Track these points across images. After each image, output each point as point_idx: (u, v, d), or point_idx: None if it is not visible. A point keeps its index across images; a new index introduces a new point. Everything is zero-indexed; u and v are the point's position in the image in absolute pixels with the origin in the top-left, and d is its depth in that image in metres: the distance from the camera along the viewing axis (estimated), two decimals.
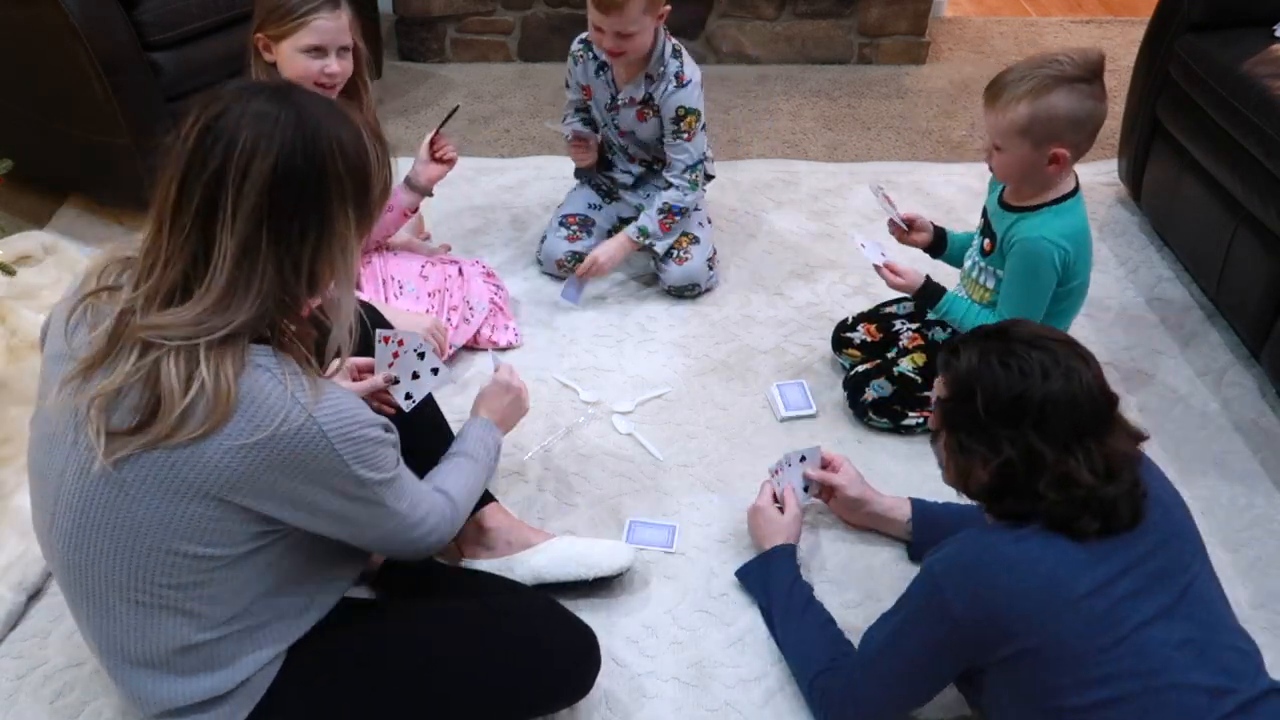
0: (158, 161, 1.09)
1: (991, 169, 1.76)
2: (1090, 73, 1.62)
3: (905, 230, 2.00)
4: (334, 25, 1.82)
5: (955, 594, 1.20)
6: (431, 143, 2.13)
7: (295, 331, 1.14)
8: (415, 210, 2.19)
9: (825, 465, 1.74)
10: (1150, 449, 1.93)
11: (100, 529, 1.10)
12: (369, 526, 1.21)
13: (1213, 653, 1.15)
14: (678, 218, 2.28)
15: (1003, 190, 1.82)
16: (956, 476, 1.30)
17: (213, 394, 1.03)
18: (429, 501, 1.30)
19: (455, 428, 1.62)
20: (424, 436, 1.54)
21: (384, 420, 1.18)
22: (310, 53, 1.81)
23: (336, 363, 1.20)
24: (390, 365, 1.48)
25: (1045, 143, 1.65)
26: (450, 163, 2.15)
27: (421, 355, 1.47)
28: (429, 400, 1.59)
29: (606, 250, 2.26)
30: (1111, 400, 1.22)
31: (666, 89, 2.19)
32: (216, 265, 1.05)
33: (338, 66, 1.84)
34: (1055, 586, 1.15)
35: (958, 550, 1.24)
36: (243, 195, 1.04)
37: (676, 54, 2.21)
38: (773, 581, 1.60)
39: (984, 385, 1.21)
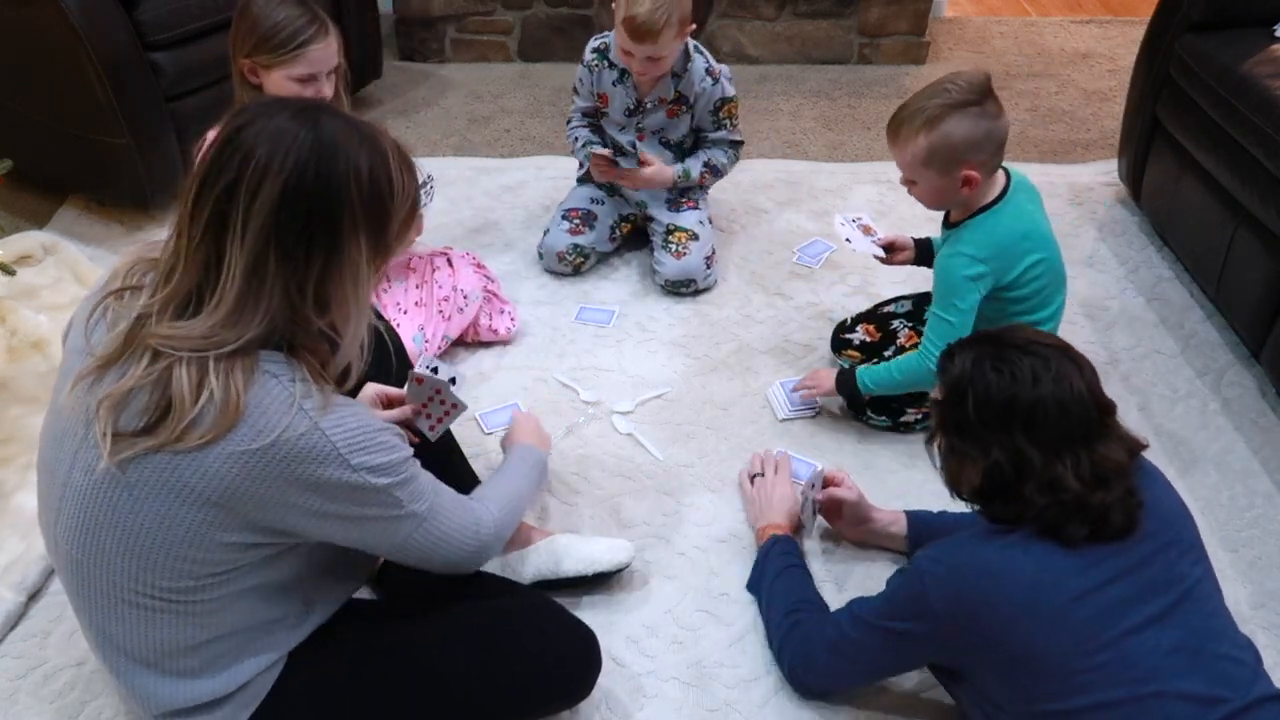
0: (187, 168, 1.09)
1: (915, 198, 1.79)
2: (979, 94, 1.65)
3: (886, 254, 2.05)
4: (327, 53, 1.79)
5: (936, 589, 1.22)
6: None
7: (309, 347, 1.12)
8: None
9: (827, 483, 1.73)
10: (1150, 449, 1.94)
11: (104, 528, 1.10)
12: (386, 533, 1.18)
13: (1205, 661, 1.15)
14: (712, 178, 2.41)
15: None
16: (949, 478, 1.32)
17: (221, 403, 1.03)
18: (460, 510, 1.27)
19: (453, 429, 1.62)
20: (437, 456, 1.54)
21: (396, 430, 1.17)
22: (302, 80, 1.78)
23: (354, 387, 1.18)
24: (426, 404, 1.50)
25: (951, 168, 1.68)
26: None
27: (453, 386, 1.50)
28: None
29: (659, 169, 2.30)
30: (1105, 407, 1.22)
31: (703, 86, 2.26)
32: (226, 280, 1.04)
33: (329, 89, 1.82)
34: (1038, 593, 1.16)
35: (946, 550, 1.26)
36: (252, 212, 1.03)
37: (698, 50, 2.27)
38: (770, 561, 1.62)
39: (975, 388, 1.22)
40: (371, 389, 1.53)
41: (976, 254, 1.74)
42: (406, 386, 1.50)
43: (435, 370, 1.49)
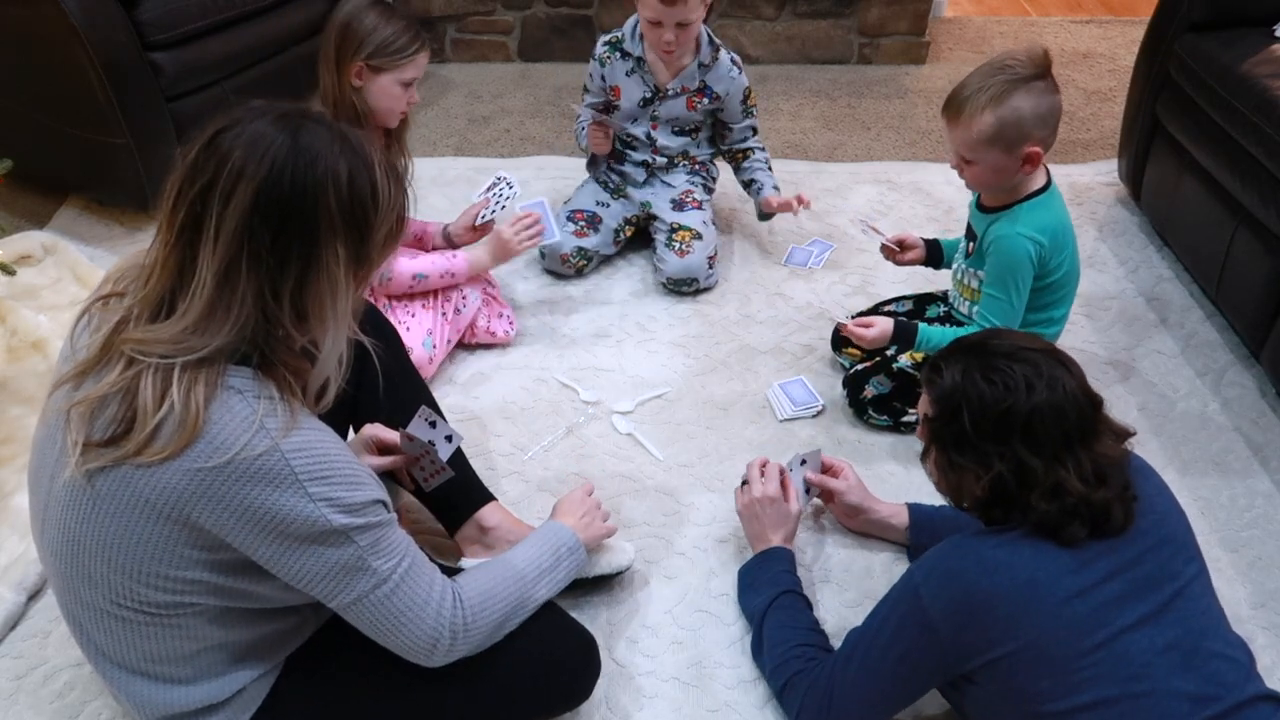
0: (170, 168, 1.06)
1: (966, 182, 1.78)
2: (1041, 69, 1.65)
3: (897, 251, 2.04)
4: (425, 61, 1.98)
5: (933, 600, 1.20)
6: (480, 217, 2.23)
7: (286, 363, 1.09)
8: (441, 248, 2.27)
9: (826, 469, 1.73)
10: (1150, 449, 1.96)
11: (81, 540, 1.08)
12: (336, 585, 1.10)
13: (1199, 660, 1.14)
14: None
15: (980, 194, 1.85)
16: (949, 491, 1.31)
17: (180, 416, 1.00)
18: (430, 592, 1.17)
19: (454, 426, 1.62)
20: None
21: (365, 469, 1.12)
22: (406, 85, 1.95)
23: (336, 406, 1.15)
24: (418, 458, 1.50)
25: (1017, 145, 1.67)
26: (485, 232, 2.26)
27: (451, 444, 1.50)
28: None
29: (779, 198, 2.37)
30: (1096, 403, 1.22)
31: (730, 74, 2.32)
32: (199, 284, 1.02)
33: (418, 96, 2.00)
34: (1035, 590, 1.15)
35: (940, 557, 1.24)
36: (225, 217, 1.01)
37: (712, 40, 2.30)
38: (768, 578, 1.58)
39: (969, 402, 1.21)
40: (367, 431, 1.53)
41: (1037, 236, 1.73)
42: (400, 438, 1.49)
43: (434, 424, 1.47)
